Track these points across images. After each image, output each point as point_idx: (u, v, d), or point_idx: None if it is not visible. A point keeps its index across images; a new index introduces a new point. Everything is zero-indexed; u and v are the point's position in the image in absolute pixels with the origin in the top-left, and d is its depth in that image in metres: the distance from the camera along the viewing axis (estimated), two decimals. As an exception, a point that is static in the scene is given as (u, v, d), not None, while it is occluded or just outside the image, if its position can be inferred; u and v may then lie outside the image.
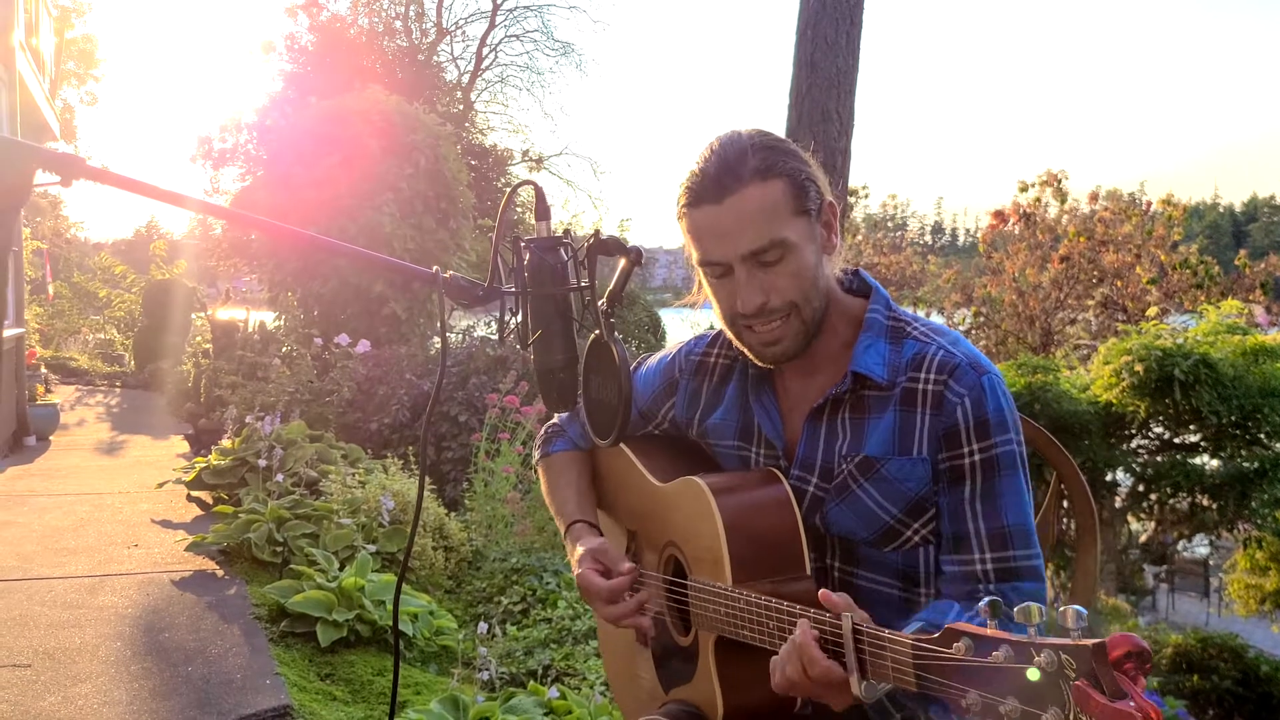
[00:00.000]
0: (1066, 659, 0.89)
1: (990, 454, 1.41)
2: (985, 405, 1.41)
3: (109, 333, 18.13)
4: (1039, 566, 1.43)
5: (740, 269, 1.43)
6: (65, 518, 5.56)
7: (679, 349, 1.74)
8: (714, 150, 1.45)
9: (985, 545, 1.42)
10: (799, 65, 6.94)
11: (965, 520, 1.42)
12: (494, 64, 31.54)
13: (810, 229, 1.45)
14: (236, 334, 9.71)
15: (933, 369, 1.44)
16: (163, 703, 3.11)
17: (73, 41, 26.49)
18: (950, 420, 1.42)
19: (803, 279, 1.44)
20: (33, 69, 9.54)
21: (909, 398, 1.44)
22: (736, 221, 1.41)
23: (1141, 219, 13.86)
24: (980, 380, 1.42)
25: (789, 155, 1.45)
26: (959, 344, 1.47)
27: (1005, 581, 1.41)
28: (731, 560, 1.42)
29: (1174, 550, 11.86)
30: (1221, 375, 6.73)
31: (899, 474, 1.44)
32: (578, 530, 1.71)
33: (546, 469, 1.87)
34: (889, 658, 1.12)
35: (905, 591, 1.48)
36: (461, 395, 6.82)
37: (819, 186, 1.46)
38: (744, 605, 1.37)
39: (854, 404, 1.48)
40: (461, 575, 4.71)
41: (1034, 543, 1.43)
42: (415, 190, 9.71)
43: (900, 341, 1.48)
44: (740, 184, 1.41)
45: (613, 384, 1.30)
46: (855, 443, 1.47)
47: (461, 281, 1.29)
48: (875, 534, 1.47)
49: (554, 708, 2.93)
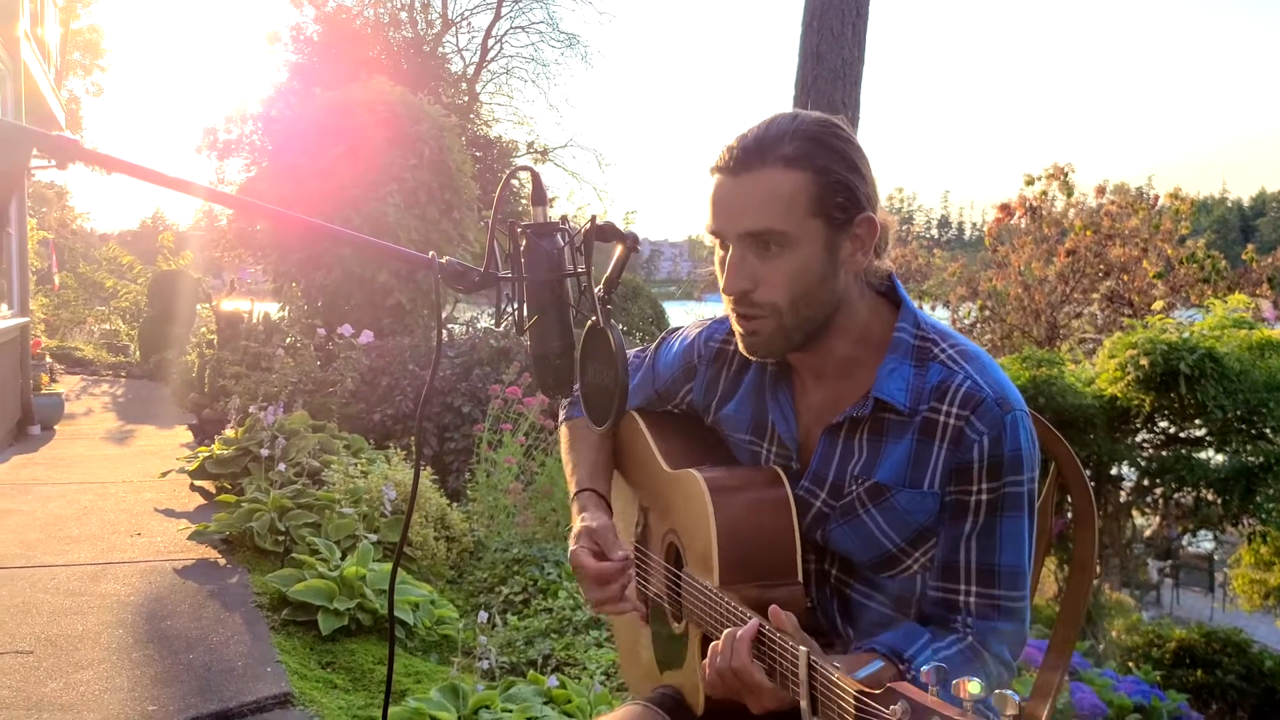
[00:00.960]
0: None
1: (998, 494, 1.38)
2: (1003, 445, 1.37)
3: (114, 323, 18.15)
4: (1023, 609, 1.41)
5: (734, 249, 1.40)
6: (69, 506, 5.58)
7: (699, 332, 1.69)
8: (762, 123, 1.40)
9: (973, 578, 1.40)
10: (804, 57, 6.91)
11: (959, 552, 1.40)
12: (499, 55, 31.51)
13: (827, 236, 1.37)
14: (241, 325, 9.71)
15: (956, 402, 1.38)
16: (164, 689, 3.12)
17: (78, 32, 26.51)
18: (965, 457, 1.37)
19: (797, 283, 1.38)
20: (38, 59, 9.54)
21: (928, 428, 1.40)
22: (743, 199, 1.37)
23: (1148, 213, 13.81)
24: (1004, 419, 1.37)
25: (833, 155, 1.37)
26: (986, 372, 1.41)
27: (985, 619, 1.39)
28: (720, 561, 1.41)
29: (1178, 545, 11.83)
30: (1227, 370, 6.70)
31: (907, 505, 1.41)
32: (583, 499, 1.68)
33: (569, 430, 1.84)
34: (835, 700, 1.11)
35: (896, 613, 1.47)
36: (465, 386, 6.82)
37: (856, 196, 1.37)
38: (725, 610, 1.36)
39: (873, 425, 1.44)
40: (463, 565, 4.71)
41: (1023, 585, 1.40)
42: (419, 181, 9.71)
43: (925, 365, 1.42)
44: (762, 164, 1.36)
45: (609, 370, 1.28)
46: (869, 465, 1.43)
47: (457, 267, 1.28)
48: (875, 559, 1.45)
49: (553, 696, 2.93)
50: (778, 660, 1.23)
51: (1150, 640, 6.14)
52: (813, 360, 1.50)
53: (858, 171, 1.39)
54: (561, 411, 1.90)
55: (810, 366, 1.51)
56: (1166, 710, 3.87)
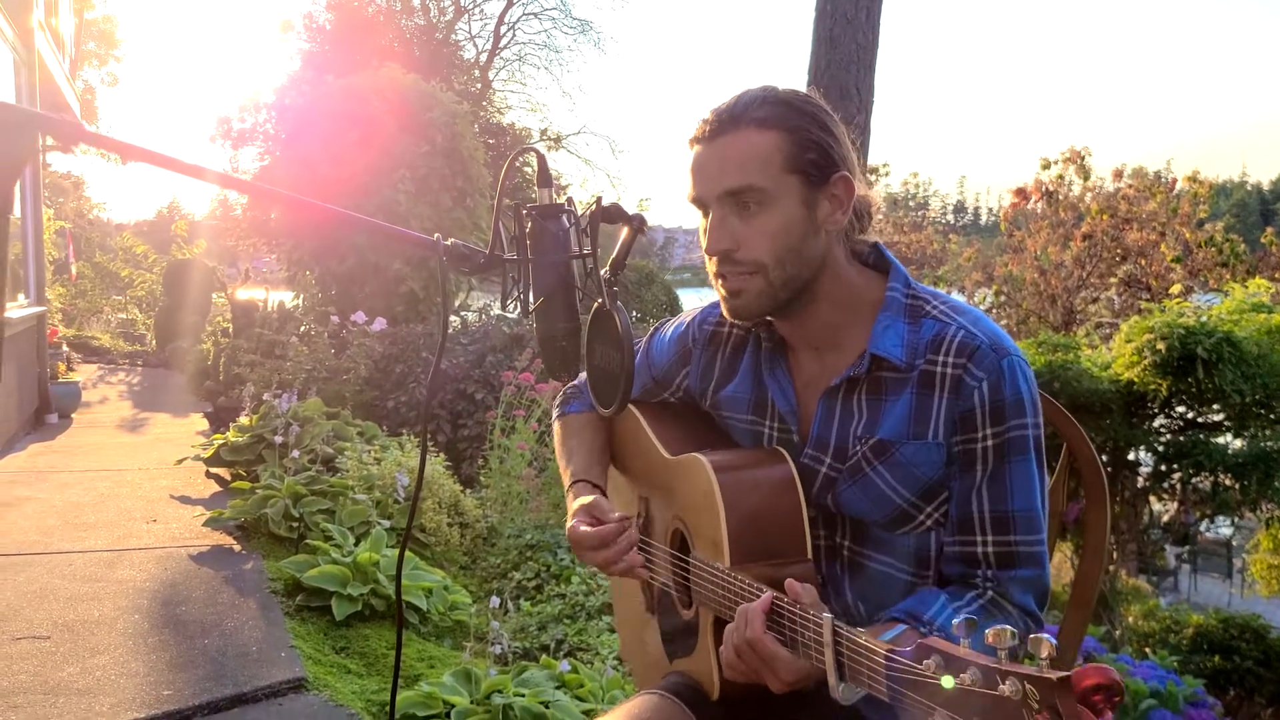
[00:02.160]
0: (1030, 689, 0.88)
1: (1003, 439, 1.38)
2: (1003, 389, 1.38)
3: (131, 312, 18.27)
4: (1041, 554, 1.40)
5: (715, 210, 1.41)
6: (86, 493, 5.62)
7: (693, 317, 1.70)
8: (736, 96, 1.43)
9: (988, 528, 1.40)
10: (818, 41, 6.87)
11: (971, 503, 1.40)
12: (512, 42, 31.45)
13: (805, 193, 1.40)
14: (255, 313, 9.76)
15: (952, 351, 1.40)
16: (179, 674, 3.13)
17: (93, 22, 26.58)
18: (967, 404, 1.38)
19: (778, 240, 1.39)
20: (52, 49, 9.57)
21: (927, 380, 1.41)
22: (720, 162, 1.40)
23: (1166, 196, 13.69)
24: (1000, 363, 1.38)
25: (805, 117, 1.40)
26: (979, 323, 1.43)
27: (1004, 567, 1.39)
28: (730, 542, 1.41)
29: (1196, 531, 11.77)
30: (1245, 354, 6.65)
31: (913, 458, 1.41)
32: (578, 489, 1.68)
33: (562, 428, 1.85)
34: (864, 664, 1.10)
35: (914, 574, 1.46)
36: (478, 373, 6.84)
37: (830, 156, 1.40)
38: (739, 589, 1.36)
39: (870, 385, 1.45)
40: (476, 551, 4.73)
41: (1038, 529, 1.40)
42: (431, 168, 9.71)
43: (919, 321, 1.44)
44: (735, 128, 1.39)
45: (615, 353, 1.28)
46: (870, 424, 1.44)
47: (462, 249, 1.28)
48: (887, 517, 1.44)
49: (566, 681, 2.93)
50: (798, 631, 1.23)
51: (1167, 626, 6.11)
52: (805, 331, 1.51)
53: (830, 133, 1.42)
54: (555, 409, 1.90)
55: (803, 338, 1.52)
56: (1183, 695, 3.85)
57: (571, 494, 1.69)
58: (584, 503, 1.60)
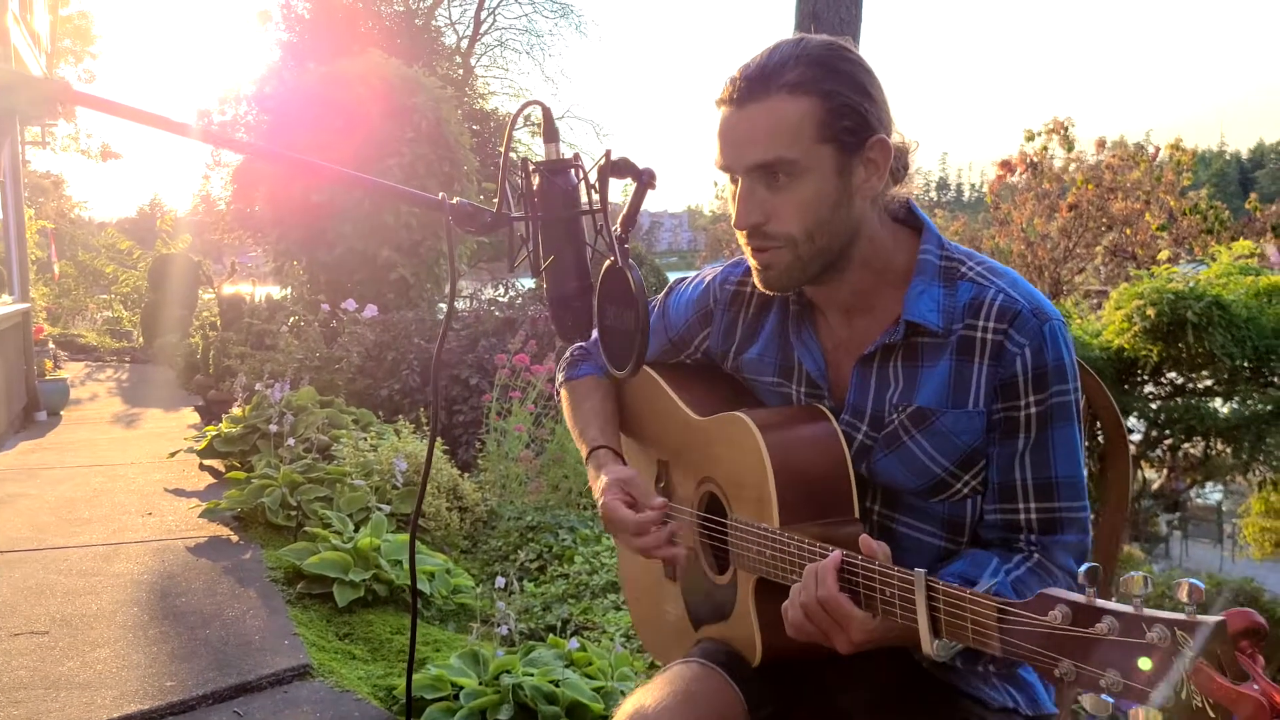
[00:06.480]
0: (1182, 635, 0.83)
1: (1046, 405, 1.35)
2: (1045, 355, 1.34)
3: (116, 309, 18.12)
4: (1085, 519, 1.38)
5: (743, 181, 1.36)
6: (79, 489, 5.57)
7: (714, 276, 1.65)
8: (766, 50, 1.36)
9: (1031, 495, 1.37)
10: (801, 17, 6.82)
11: (1014, 470, 1.37)
12: (493, 27, 31.31)
13: (839, 161, 1.33)
14: (243, 306, 9.69)
15: (992, 316, 1.36)
16: (181, 665, 3.11)
17: (68, 19, 26.29)
18: (1009, 371, 1.34)
19: (809, 212, 1.34)
20: (29, 44, 9.45)
21: (966, 346, 1.36)
22: (749, 131, 1.34)
23: (1149, 165, 13.72)
24: (1042, 329, 1.35)
25: (839, 78, 1.33)
26: (1017, 285, 1.38)
27: (1048, 533, 1.37)
28: (779, 501, 1.36)
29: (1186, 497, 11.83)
30: (1235, 317, 6.67)
31: (953, 427, 1.37)
32: (601, 456, 1.64)
33: (570, 393, 1.80)
34: (969, 618, 1.07)
35: (947, 540, 1.43)
36: (471, 358, 6.80)
37: (867, 120, 1.34)
38: (794, 549, 1.31)
39: (906, 351, 1.40)
40: (477, 535, 4.70)
41: (1081, 494, 1.37)
42: (417, 154, 9.64)
43: (954, 284, 1.39)
44: (766, 94, 1.33)
45: (629, 312, 1.24)
46: (908, 392, 1.40)
47: (468, 207, 1.24)
48: (924, 485, 1.41)
49: (574, 659, 2.92)
50: (875, 589, 1.20)
51: (1161, 593, 6.13)
52: (835, 294, 1.46)
53: (866, 93, 1.35)
54: (559, 374, 1.85)
55: (833, 301, 1.47)
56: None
57: (593, 463, 1.65)
58: (619, 476, 1.56)
